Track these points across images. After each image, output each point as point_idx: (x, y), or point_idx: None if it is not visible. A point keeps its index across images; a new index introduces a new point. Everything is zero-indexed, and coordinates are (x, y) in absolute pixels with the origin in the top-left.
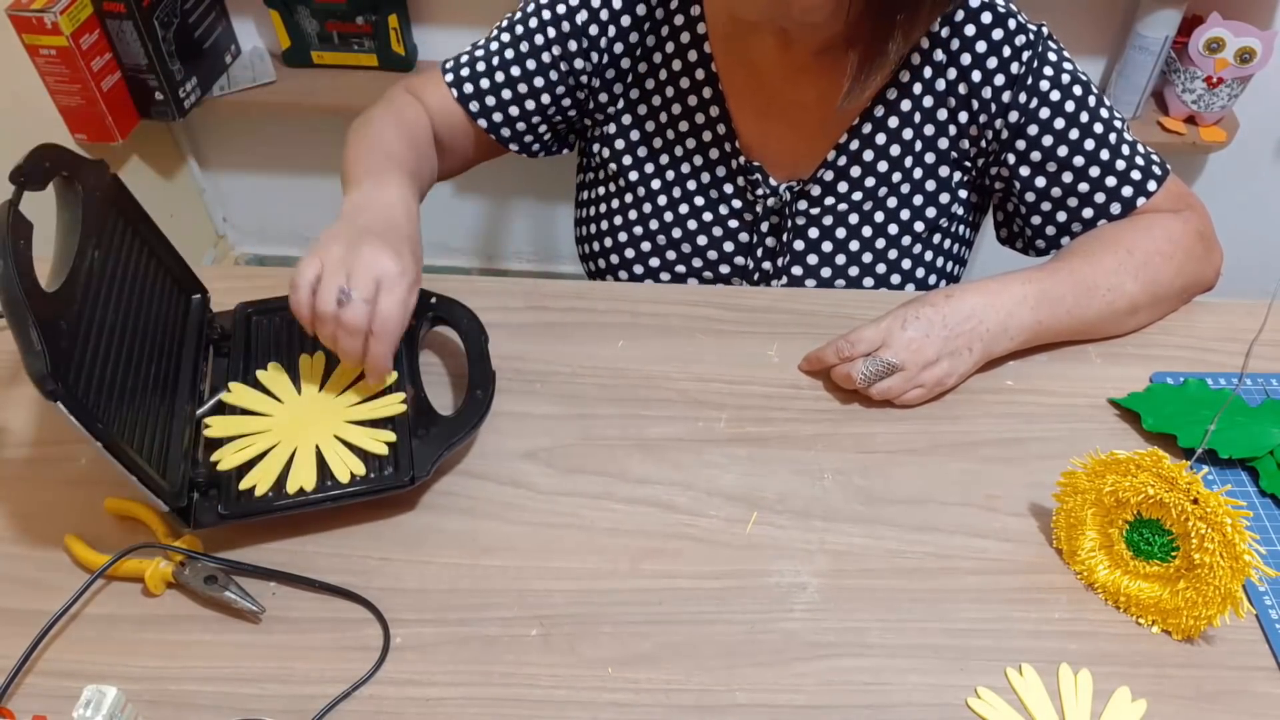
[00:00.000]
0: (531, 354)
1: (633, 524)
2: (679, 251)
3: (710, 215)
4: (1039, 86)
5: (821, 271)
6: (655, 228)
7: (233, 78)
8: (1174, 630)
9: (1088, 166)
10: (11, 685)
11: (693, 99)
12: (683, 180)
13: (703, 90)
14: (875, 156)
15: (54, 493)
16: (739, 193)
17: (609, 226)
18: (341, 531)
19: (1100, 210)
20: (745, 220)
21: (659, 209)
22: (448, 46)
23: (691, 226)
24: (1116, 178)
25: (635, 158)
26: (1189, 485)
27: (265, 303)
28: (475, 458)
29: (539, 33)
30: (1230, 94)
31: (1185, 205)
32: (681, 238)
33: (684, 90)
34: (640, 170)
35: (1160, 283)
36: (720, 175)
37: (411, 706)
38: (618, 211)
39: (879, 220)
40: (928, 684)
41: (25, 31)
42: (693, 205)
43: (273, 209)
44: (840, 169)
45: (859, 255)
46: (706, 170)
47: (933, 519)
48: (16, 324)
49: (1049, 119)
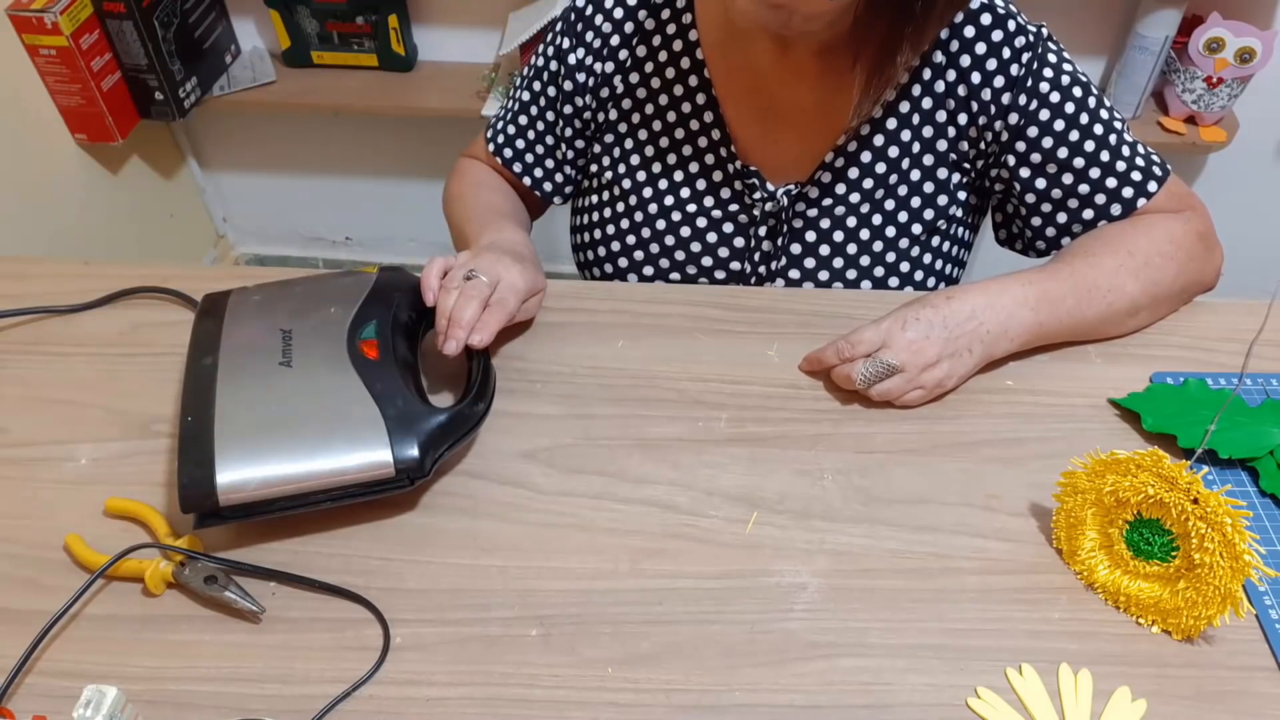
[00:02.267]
0: (531, 354)
1: (633, 524)
2: (673, 259)
3: (705, 220)
4: (1039, 88)
5: (819, 275)
6: (650, 235)
7: (233, 78)
8: (1174, 630)
9: (1088, 168)
10: (11, 685)
11: (686, 106)
12: (676, 187)
13: (696, 97)
14: (873, 158)
15: (54, 493)
16: (735, 197)
17: (604, 235)
18: (341, 531)
19: (1100, 211)
20: (741, 224)
21: (653, 216)
22: (448, 46)
23: (686, 233)
24: (1117, 179)
25: (629, 165)
26: (1189, 485)
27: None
28: (475, 458)
29: (550, 84)
30: (1230, 94)
31: (1186, 206)
32: (676, 244)
33: (677, 98)
34: (634, 178)
35: (1161, 283)
36: (716, 180)
37: (411, 706)
38: (612, 220)
39: (876, 223)
40: (928, 684)
41: (25, 31)
42: (686, 212)
43: (273, 209)
44: (838, 170)
45: (856, 258)
46: (702, 176)
47: (933, 519)
48: None
49: (1049, 120)
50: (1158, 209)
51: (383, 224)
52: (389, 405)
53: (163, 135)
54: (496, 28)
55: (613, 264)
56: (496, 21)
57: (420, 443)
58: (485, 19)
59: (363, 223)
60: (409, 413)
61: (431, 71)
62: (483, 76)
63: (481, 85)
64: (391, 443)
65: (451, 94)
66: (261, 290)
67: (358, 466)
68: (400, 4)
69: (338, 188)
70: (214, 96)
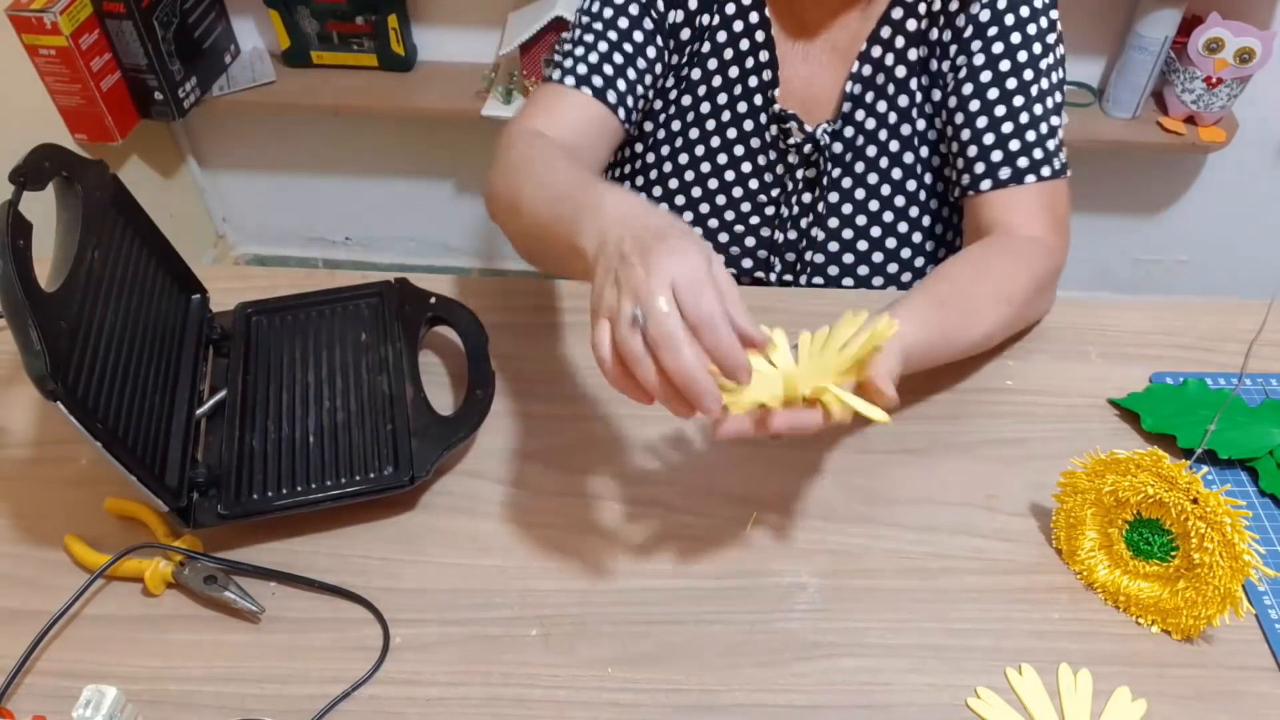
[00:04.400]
0: (531, 354)
1: (633, 524)
2: (713, 204)
3: (748, 165)
4: (1004, 20)
5: (857, 220)
6: (691, 178)
7: (232, 78)
8: (1174, 630)
9: (1004, 119)
10: (11, 685)
11: (745, 43)
12: (722, 129)
13: (755, 34)
14: (885, 79)
15: (54, 493)
16: (772, 142)
17: (643, 183)
18: (341, 531)
19: (985, 172)
20: (778, 174)
21: (696, 159)
22: (448, 46)
23: (729, 177)
24: (1020, 143)
25: (680, 107)
26: (1189, 485)
27: (265, 303)
28: (475, 458)
29: (632, 2)
30: (1229, 94)
31: (1060, 231)
32: (717, 188)
33: (736, 34)
34: (682, 119)
35: (1014, 327)
36: (759, 124)
37: (411, 706)
38: (654, 166)
39: (895, 150)
40: (928, 684)
41: (25, 31)
42: (731, 154)
43: (273, 209)
44: (858, 98)
45: (891, 199)
46: (748, 118)
47: (933, 519)
48: (16, 324)
49: (995, 54)
50: (1033, 211)
51: (382, 224)
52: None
53: (162, 135)
54: (496, 28)
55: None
56: (496, 21)
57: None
58: (485, 19)
59: (362, 223)
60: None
61: (431, 71)
62: (483, 77)
63: (481, 85)
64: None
65: (451, 94)
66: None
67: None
68: (400, 4)
69: (338, 188)
70: (214, 96)
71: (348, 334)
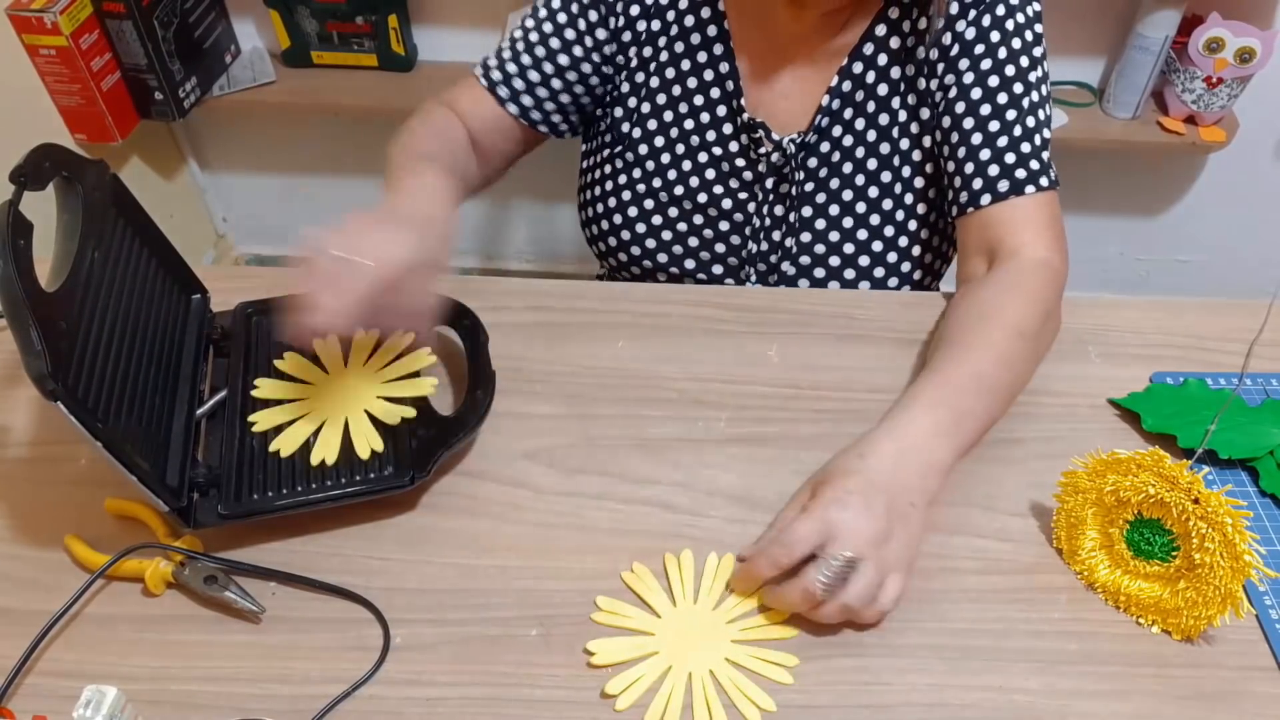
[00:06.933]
0: (531, 354)
1: (633, 524)
2: (680, 208)
3: (713, 172)
4: (990, 36)
5: (829, 236)
6: (658, 185)
7: (232, 78)
8: (1174, 630)
9: (999, 133)
10: (11, 685)
11: (702, 55)
12: (686, 136)
13: (713, 47)
14: (865, 96)
15: (54, 493)
16: (742, 151)
17: (612, 187)
18: (341, 531)
19: (981, 189)
20: (746, 180)
21: (662, 166)
22: (448, 46)
23: (694, 184)
24: (1015, 156)
25: (640, 115)
26: (1190, 485)
27: (266, 302)
28: (475, 458)
29: (561, 11)
30: (1230, 94)
31: (1059, 242)
32: (684, 194)
33: (694, 46)
34: (644, 127)
35: (1041, 352)
36: (726, 133)
37: (411, 706)
38: (621, 171)
39: (872, 168)
40: (928, 684)
41: (25, 31)
42: (696, 161)
43: (273, 209)
44: (835, 113)
45: (865, 217)
46: (712, 128)
47: (933, 519)
48: (16, 324)
49: (984, 70)
50: (1038, 227)
51: None
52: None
53: (162, 135)
54: (496, 28)
55: (621, 214)
56: (496, 21)
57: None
58: (485, 19)
59: None
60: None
61: (431, 72)
62: None
63: None
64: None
65: None
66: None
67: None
68: (400, 4)
69: (338, 188)
70: (214, 96)
71: None
